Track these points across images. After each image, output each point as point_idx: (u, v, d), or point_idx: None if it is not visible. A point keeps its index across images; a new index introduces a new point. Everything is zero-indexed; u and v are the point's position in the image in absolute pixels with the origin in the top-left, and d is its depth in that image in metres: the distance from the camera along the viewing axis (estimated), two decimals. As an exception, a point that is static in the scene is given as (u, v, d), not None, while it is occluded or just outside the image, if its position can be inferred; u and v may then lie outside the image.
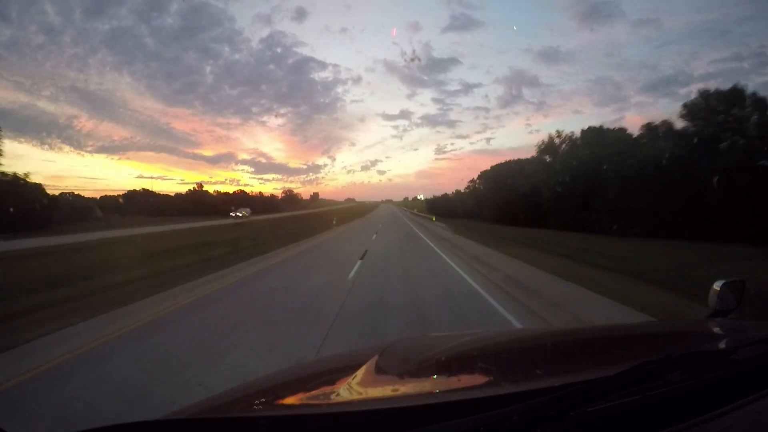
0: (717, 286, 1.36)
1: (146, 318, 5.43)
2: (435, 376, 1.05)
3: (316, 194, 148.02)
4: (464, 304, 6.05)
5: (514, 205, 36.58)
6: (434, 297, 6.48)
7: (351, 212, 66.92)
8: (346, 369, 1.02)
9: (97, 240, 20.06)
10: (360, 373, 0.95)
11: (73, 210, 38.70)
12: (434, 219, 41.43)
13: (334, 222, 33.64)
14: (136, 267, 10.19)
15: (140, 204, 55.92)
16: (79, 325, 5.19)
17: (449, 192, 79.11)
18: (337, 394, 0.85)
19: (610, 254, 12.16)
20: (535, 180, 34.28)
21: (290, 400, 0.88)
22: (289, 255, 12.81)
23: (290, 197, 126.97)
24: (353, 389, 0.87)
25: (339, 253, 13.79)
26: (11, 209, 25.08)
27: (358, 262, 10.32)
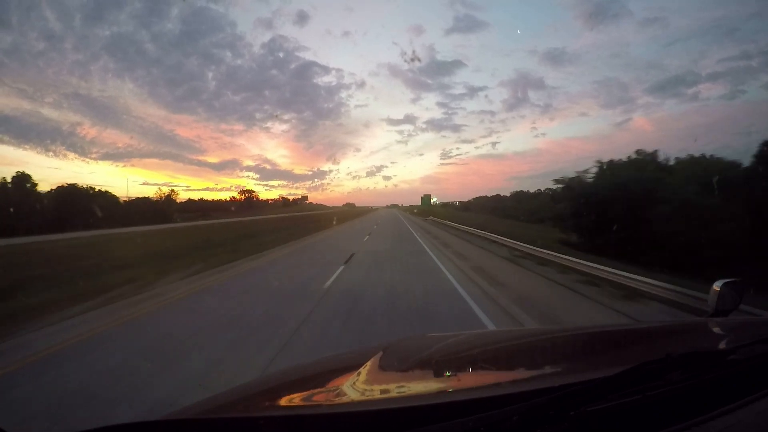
0: (717, 286, 1.36)
1: None
2: (435, 376, 1.05)
3: (304, 197, 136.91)
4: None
5: None
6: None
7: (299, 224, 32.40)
8: (347, 369, 1.02)
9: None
10: (360, 373, 0.95)
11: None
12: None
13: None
14: None
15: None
16: None
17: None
18: (337, 394, 0.85)
19: None
20: None
21: (290, 400, 0.88)
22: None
23: (250, 201, 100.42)
24: (353, 389, 0.87)
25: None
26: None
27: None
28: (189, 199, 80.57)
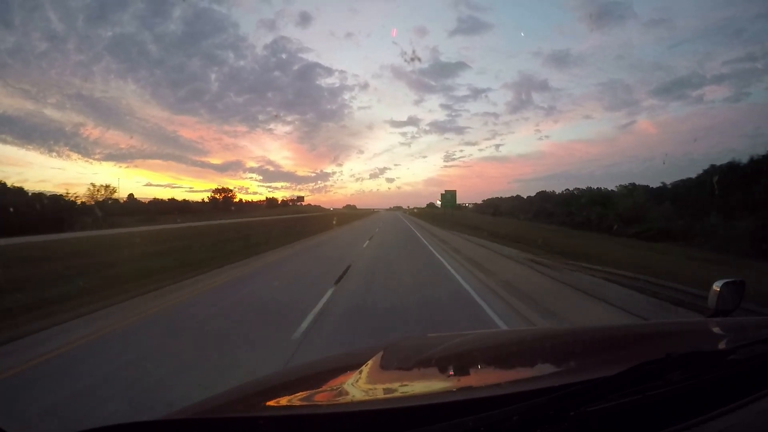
0: (717, 286, 1.36)
1: None
2: (435, 376, 1.05)
3: (300, 198, 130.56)
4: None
5: None
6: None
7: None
8: (347, 369, 1.02)
9: None
10: (360, 373, 0.95)
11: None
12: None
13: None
14: None
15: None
16: None
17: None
18: (338, 394, 0.85)
19: None
20: None
21: (290, 400, 0.88)
22: None
23: (227, 202, 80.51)
24: (353, 389, 0.87)
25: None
26: None
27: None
28: (155, 198, 72.86)
